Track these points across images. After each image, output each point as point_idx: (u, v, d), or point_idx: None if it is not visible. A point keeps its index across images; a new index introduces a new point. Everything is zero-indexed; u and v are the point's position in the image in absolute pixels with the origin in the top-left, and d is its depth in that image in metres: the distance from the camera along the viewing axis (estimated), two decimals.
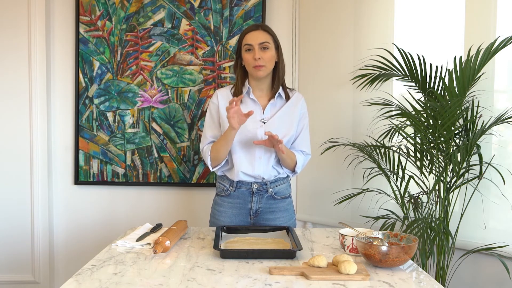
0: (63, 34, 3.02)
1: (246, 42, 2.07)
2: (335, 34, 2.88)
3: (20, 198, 3.02)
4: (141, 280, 1.42)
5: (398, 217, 2.45)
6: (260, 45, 2.05)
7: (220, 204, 2.19)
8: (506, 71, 2.36)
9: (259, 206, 2.14)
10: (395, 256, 1.53)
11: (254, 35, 2.06)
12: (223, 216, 2.15)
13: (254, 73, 2.07)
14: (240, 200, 2.14)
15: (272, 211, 2.16)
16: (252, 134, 2.09)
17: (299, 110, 2.18)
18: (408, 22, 2.64)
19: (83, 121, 3.01)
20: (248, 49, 2.07)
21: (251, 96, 2.12)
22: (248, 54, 2.06)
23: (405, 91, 2.45)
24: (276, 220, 2.16)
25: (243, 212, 2.14)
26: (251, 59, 2.05)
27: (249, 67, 2.08)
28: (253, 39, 2.05)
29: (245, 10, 2.96)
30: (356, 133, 2.76)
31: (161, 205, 3.07)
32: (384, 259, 1.53)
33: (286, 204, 2.20)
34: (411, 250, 1.54)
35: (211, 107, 2.21)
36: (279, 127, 2.11)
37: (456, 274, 2.41)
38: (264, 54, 2.05)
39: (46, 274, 3.05)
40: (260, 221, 2.15)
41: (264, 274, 1.47)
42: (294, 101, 2.17)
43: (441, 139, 2.26)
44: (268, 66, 2.07)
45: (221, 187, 2.20)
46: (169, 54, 2.98)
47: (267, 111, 2.13)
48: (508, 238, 2.29)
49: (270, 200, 2.15)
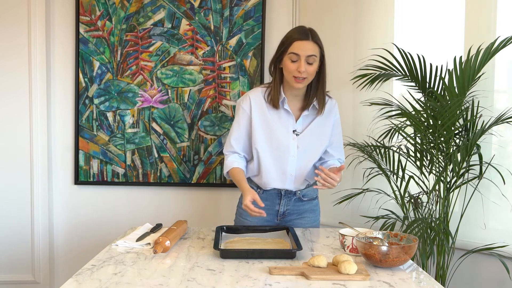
0: (63, 34, 3.01)
1: (293, 50, 1.91)
2: (335, 34, 2.88)
3: (20, 198, 3.02)
4: (141, 280, 1.42)
5: (398, 217, 2.45)
6: (307, 58, 1.91)
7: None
8: (506, 71, 2.36)
9: (287, 208, 2.13)
10: (395, 256, 1.53)
11: (304, 46, 1.91)
12: (250, 218, 2.11)
13: (294, 84, 1.95)
14: (268, 202, 2.10)
15: (299, 212, 2.16)
16: (284, 147, 2.02)
17: (332, 117, 2.10)
18: (408, 22, 2.64)
19: (83, 121, 3.01)
20: (294, 60, 1.92)
21: (285, 107, 2.01)
22: (292, 63, 1.92)
23: (405, 91, 2.45)
24: (302, 220, 2.15)
25: (270, 213, 2.11)
26: (294, 69, 1.92)
27: (289, 75, 1.95)
28: (301, 50, 1.90)
29: (245, 10, 2.96)
30: (356, 133, 2.76)
31: (161, 205, 3.07)
32: (384, 259, 1.53)
33: (313, 205, 2.19)
34: (411, 250, 1.54)
35: (240, 115, 2.06)
36: (312, 139, 2.05)
37: (456, 274, 2.41)
38: (309, 67, 1.92)
39: (46, 274, 3.05)
40: (287, 222, 2.15)
41: (264, 274, 1.47)
42: (327, 109, 2.07)
43: (441, 139, 2.26)
44: (309, 78, 1.96)
45: None
46: (169, 54, 2.98)
47: (299, 122, 2.04)
48: (508, 238, 2.29)
49: (297, 202, 2.13)
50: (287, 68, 1.95)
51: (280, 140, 2.02)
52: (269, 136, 2.03)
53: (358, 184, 2.69)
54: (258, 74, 2.98)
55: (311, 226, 2.17)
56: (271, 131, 2.03)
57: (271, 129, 2.03)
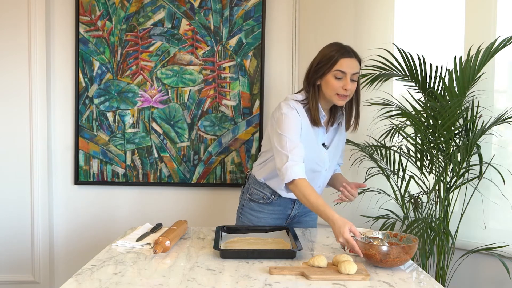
0: (63, 34, 3.02)
1: (340, 68, 1.88)
2: (335, 34, 2.88)
3: (20, 198, 3.02)
4: (141, 280, 1.42)
5: (398, 217, 2.45)
6: (352, 76, 1.90)
7: (259, 211, 2.13)
8: (506, 71, 2.36)
9: (297, 212, 2.16)
10: (395, 256, 1.53)
11: (350, 63, 1.90)
12: (262, 222, 2.11)
13: (335, 101, 1.93)
14: (281, 208, 2.12)
15: (305, 214, 2.19)
16: (321, 160, 2.02)
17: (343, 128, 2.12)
18: (408, 22, 2.64)
19: (83, 121, 3.01)
20: (339, 76, 1.89)
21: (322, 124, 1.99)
22: (337, 81, 1.89)
23: (405, 91, 2.45)
24: (307, 217, 2.20)
25: (282, 217, 2.14)
26: (338, 87, 1.89)
27: (331, 92, 1.91)
28: (349, 68, 1.89)
29: (245, 10, 2.96)
30: (357, 133, 2.75)
31: (161, 205, 3.07)
32: (384, 259, 1.53)
33: None
34: (411, 250, 1.54)
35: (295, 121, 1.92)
36: (335, 152, 2.09)
37: (456, 274, 2.41)
38: (353, 85, 1.92)
39: (46, 274, 3.05)
40: (295, 223, 2.18)
41: (264, 274, 1.47)
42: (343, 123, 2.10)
43: (441, 139, 2.26)
44: (351, 96, 1.95)
45: (260, 195, 2.12)
46: (169, 54, 2.98)
47: (327, 136, 2.05)
48: (508, 238, 2.29)
49: None
50: (330, 86, 1.91)
51: (316, 154, 2.02)
52: (308, 149, 1.97)
53: None
54: (258, 74, 2.98)
55: (313, 224, 2.22)
56: (310, 145, 1.98)
57: (311, 143, 1.99)
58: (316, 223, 2.25)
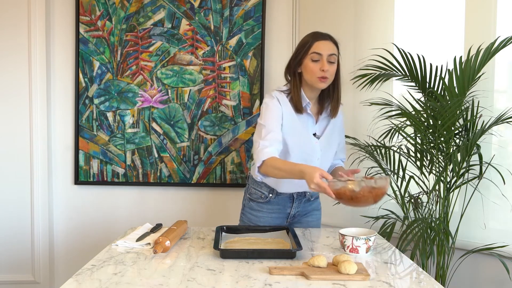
0: (63, 34, 3.02)
1: (315, 50, 1.93)
2: (335, 34, 2.85)
3: (20, 198, 3.02)
4: (141, 280, 1.42)
5: (398, 217, 2.45)
6: (329, 57, 1.94)
7: (257, 210, 2.14)
8: (506, 71, 2.36)
9: (297, 210, 2.15)
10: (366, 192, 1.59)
11: (325, 45, 1.95)
12: (261, 222, 2.12)
13: (316, 84, 1.95)
14: (280, 206, 2.12)
15: (307, 212, 2.19)
16: (311, 150, 2.03)
17: (340, 119, 2.14)
18: (408, 22, 2.64)
19: (83, 121, 3.01)
20: (315, 59, 1.93)
21: (308, 111, 2.01)
22: (315, 64, 1.93)
23: (405, 91, 2.45)
24: (309, 217, 2.19)
25: (281, 216, 2.14)
26: (316, 69, 1.93)
27: (311, 76, 1.94)
28: (324, 49, 1.94)
29: (245, 10, 2.96)
30: (357, 133, 2.76)
31: (161, 205, 3.07)
32: (354, 195, 1.59)
33: (318, 203, 2.24)
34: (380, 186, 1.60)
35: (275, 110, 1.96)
36: (329, 143, 2.08)
37: (456, 274, 2.41)
38: (330, 67, 1.94)
39: (46, 274, 3.05)
40: (296, 223, 2.17)
41: (264, 274, 1.47)
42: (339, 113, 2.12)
43: (441, 139, 2.26)
44: (331, 79, 1.97)
45: (258, 194, 2.12)
46: (169, 54, 2.98)
47: (318, 126, 2.06)
48: (508, 238, 2.29)
49: (306, 203, 2.16)
50: (309, 70, 1.95)
51: (306, 143, 2.02)
52: (297, 139, 2.01)
53: None
54: (258, 74, 2.98)
55: (316, 224, 2.21)
56: (297, 134, 2.01)
57: (297, 132, 2.01)
58: (319, 223, 2.24)
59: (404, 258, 1.69)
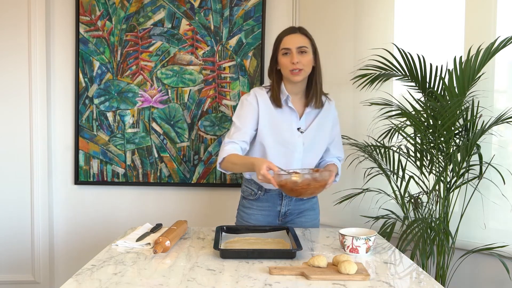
0: (63, 34, 3.02)
1: (283, 46, 1.97)
2: (335, 34, 2.88)
3: (20, 198, 3.02)
4: (141, 280, 1.42)
5: (398, 217, 2.45)
6: (298, 49, 1.95)
7: (248, 208, 2.15)
8: (506, 71, 2.36)
9: (288, 208, 2.13)
10: (305, 184, 1.70)
11: (292, 39, 1.97)
12: (252, 219, 2.13)
13: (291, 77, 1.98)
14: (269, 204, 2.11)
15: (300, 211, 2.16)
16: (291, 144, 2.03)
17: (332, 116, 2.13)
18: (408, 22, 2.64)
19: (83, 121, 3.01)
20: (285, 53, 1.97)
21: (289, 104, 2.03)
22: (285, 58, 1.97)
23: (405, 91, 2.45)
24: (302, 218, 2.16)
25: (272, 214, 2.13)
26: (288, 63, 1.96)
27: (285, 71, 1.98)
28: (291, 43, 1.96)
29: (245, 10, 2.96)
30: (356, 133, 2.76)
31: (161, 205, 3.07)
32: (294, 187, 1.71)
33: (313, 203, 2.20)
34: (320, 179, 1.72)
35: (248, 108, 2.04)
36: (315, 137, 2.07)
37: (456, 274, 2.41)
38: (302, 58, 1.95)
39: (46, 274, 3.05)
40: (289, 222, 2.15)
41: (264, 274, 1.47)
42: (327, 107, 2.11)
43: (441, 139, 2.26)
44: (306, 70, 1.98)
45: (248, 191, 2.14)
46: (169, 54, 2.98)
47: (303, 120, 2.06)
48: (508, 238, 2.29)
49: (298, 201, 2.14)
50: (282, 65, 2.00)
51: (286, 137, 2.03)
52: (275, 134, 2.03)
53: (358, 184, 2.69)
54: (258, 74, 2.98)
55: (311, 224, 2.17)
56: (277, 129, 2.03)
57: (277, 127, 2.04)
58: (317, 224, 2.22)
59: (404, 258, 1.69)
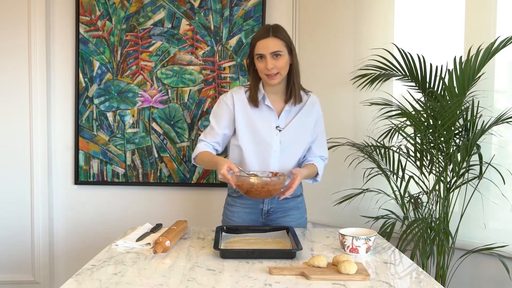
0: (63, 34, 3.02)
1: (257, 51, 1.97)
2: (335, 34, 2.88)
3: (20, 198, 3.02)
4: (141, 280, 1.42)
5: (398, 217, 2.45)
6: (272, 54, 1.94)
7: (232, 205, 2.15)
8: (506, 71, 2.36)
9: (271, 206, 2.12)
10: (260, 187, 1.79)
11: (265, 44, 1.95)
12: (235, 216, 2.13)
13: (268, 81, 1.99)
14: (252, 201, 2.10)
15: (283, 210, 2.14)
16: (267, 143, 2.04)
17: (315, 114, 2.12)
18: (408, 22, 2.64)
19: (83, 121, 3.01)
20: (259, 57, 1.97)
21: (266, 103, 2.03)
22: (260, 62, 1.97)
23: (405, 91, 2.45)
24: (287, 218, 2.13)
25: (254, 211, 2.12)
26: (263, 68, 1.96)
27: (261, 74, 2.00)
28: (264, 49, 1.95)
29: (245, 10, 2.96)
30: (356, 133, 2.76)
31: (161, 205, 3.07)
32: (250, 189, 1.79)
33: (298, 202, 2.18)
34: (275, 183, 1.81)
35: (223, 109, 2.08)
36: (295, 135, 2.07)
37: (456, 274, 2.42)
38: (277, 62, 1.95)
39: (46, 274, 3.05)
40: (272, 220, 2.13)
41: (264, 274, 1.47)
42: (309, 105, 2.10)
43: (441, 139, 2.26)
44: (282, 73, 1.98)
45: (232, 188, 2.14)
46: (169, 54, 2.98)
47: (282, 118, 2.05)
48: (508, 238, 2.29)
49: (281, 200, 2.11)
50: (258, 69, 2.01)
51: (262, 136, 2.04)
52: (252, 133, 2.05)
53: (358, 184, 2.69)
54: None
55: (297, 224, 2.15)
56: (254, 128, 2.05)
57: (254, 126, 2.05)
58: (303, 224, 2.19)
59: (404, 258, 1.69)
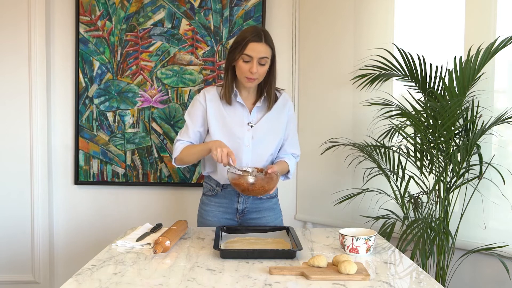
0: (63, 34, 3.02)
1: (247, 52, 1.97)
2: (335, 34, 2.88)
3: (20, 198, 3.02)
4: (141, 280, 1.42)
5: (398, 217, 2.45)
6: (260, 59, 1.98)
7: (206, 204, 2.18)
8: (506, 71, 2.36)
9: (245, 206, 2.14)
10: (259, 186, 1.87)
11: (257, 48, 1.97)
12: (210, 216, 2.15)
13: (244, 83, 2.03)
14: (227, 200, 2.14)
15: (258, 210, 2.16)
16: (239, 138, 2.07)
17: (286, 112, 2.16)
18: (408, 22, 2.64)
19: (83, 121, 3.01)
20: (246, 60, 1.98)
21: (238, 100, 2.08)
22: (245, 64, 1.98)
23: (405, 91, 2.45)
24: (262, 219, 2.16)
25: (229, 211, 2.15)
26: (246, 70, 1.99)
27: (241, 75, 2.02)
28: (255, 52, 1.97)
29: (245, 10, 2.96)
30: (356, 133, 2.76)
31: (161, 205, 3.07)
32: (251, 187, 1.87)
33: (272, 203, 2.20)
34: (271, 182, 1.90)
35: (197, 107, 2.12)
36: (267, 131, 2.10)
37: (456, 274, 2.42)
38: (260, 68, 1.99)
39: (46, 274, 3.05)
40: (247, 220, 2.16)
41: (264, 274, 1.47)
42: (281, 103, 2.14)
43: (441, 139, 2.26)
44: (260, 79, 2.04)
45: (207, 187, 2.18)
46: (169, 54, 2.98)
47: (253, 114, 2.10)
48: (508, 238, 2.29)
49: (256, 200, 2.15)
50: (240, 68, 2.01)
51: (234, 132, 2.07)
52: (224, 129, 2.08)
53: (358, 184, 2.69)
54: None
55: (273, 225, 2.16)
56: (226, 125, 2.08)
57: (226, 122, 2.08)
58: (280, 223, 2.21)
59: (404, 258, 1.69)
